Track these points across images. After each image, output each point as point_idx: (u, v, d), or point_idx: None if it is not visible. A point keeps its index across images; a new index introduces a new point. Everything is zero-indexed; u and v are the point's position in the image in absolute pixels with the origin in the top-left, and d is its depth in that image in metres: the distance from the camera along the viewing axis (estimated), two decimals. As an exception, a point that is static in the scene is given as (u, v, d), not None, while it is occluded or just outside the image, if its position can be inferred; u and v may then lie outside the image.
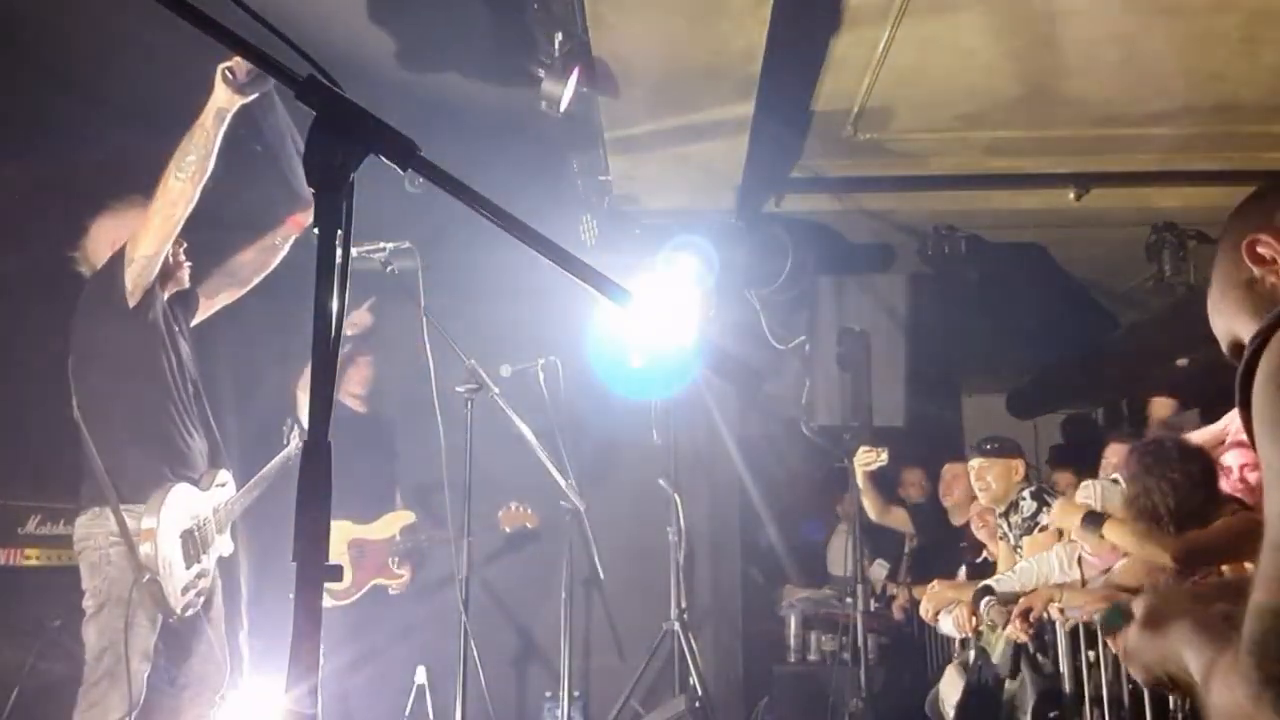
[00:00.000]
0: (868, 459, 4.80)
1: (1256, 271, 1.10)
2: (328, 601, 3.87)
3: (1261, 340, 0.97)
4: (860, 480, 4.82)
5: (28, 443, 3.82)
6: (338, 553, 4.31)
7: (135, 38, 3.50)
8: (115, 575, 2.89)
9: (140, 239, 2.95)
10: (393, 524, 4.60)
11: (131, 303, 3.00)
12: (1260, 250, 1.09)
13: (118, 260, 3.01)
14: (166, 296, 3.17)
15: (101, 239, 3.16)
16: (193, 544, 3.06)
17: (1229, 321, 1.15)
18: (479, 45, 3.64)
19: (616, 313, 1.22)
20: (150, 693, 2.95)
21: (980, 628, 3.96)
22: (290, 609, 1.01)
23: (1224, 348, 1.19)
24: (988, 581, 3.96)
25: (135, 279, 2.97)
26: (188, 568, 3.02)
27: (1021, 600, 3.60)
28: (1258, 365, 0.96)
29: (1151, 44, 3.51)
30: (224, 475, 3.30)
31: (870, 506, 5.10)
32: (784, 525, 6.41)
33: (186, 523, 3.04)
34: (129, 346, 3.05)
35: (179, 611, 2.97)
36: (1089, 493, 3.74)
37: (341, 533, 4.38)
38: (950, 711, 4.16)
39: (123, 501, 2.93)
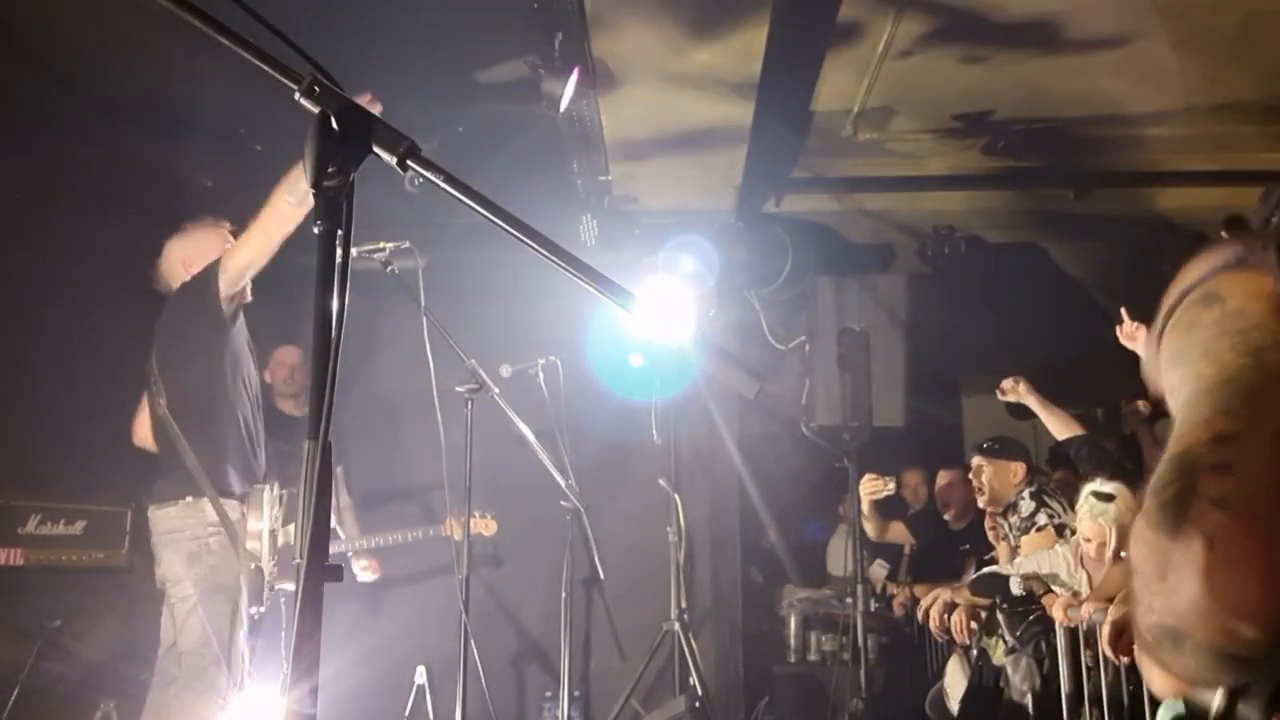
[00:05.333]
0: (874, 487, 4.71)
1: None
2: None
3: (1170, 310, 1.03)
4: (865, 507, 4.78)
5: (28, 443, 3.82)
6: None
7: (136, 38, 3.51)
8: (216, 564, 3.02)
9: (240, 249, 3.14)
10: None
11: (226, 310, 3.20)
12: None
13: (211, 271, 3.19)
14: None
15: (174, 257, 3.38)
16: (272, 545, 3.22)
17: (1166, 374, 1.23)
18: (479, 45, 3.64)
19: (617, 313, 1.22)
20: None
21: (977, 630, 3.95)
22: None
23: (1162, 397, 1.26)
24: (989, 568, 3.96)
25: (228, 286, 3.16)
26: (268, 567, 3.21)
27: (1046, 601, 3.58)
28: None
29: (1151, 44, 3.51)
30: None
31: (870, 529, 5.08)
32: (784, 525, 6.41)
33: (271, 524, 3.20)
34: (220, 351, 3.23)
35: (265, 607, 3.14)
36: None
37: None
38: (955, 706, 4.16)
39: (220, 495, 3.08)
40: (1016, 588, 3.73)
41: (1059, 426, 4.13)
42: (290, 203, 3.00)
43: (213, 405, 3.22)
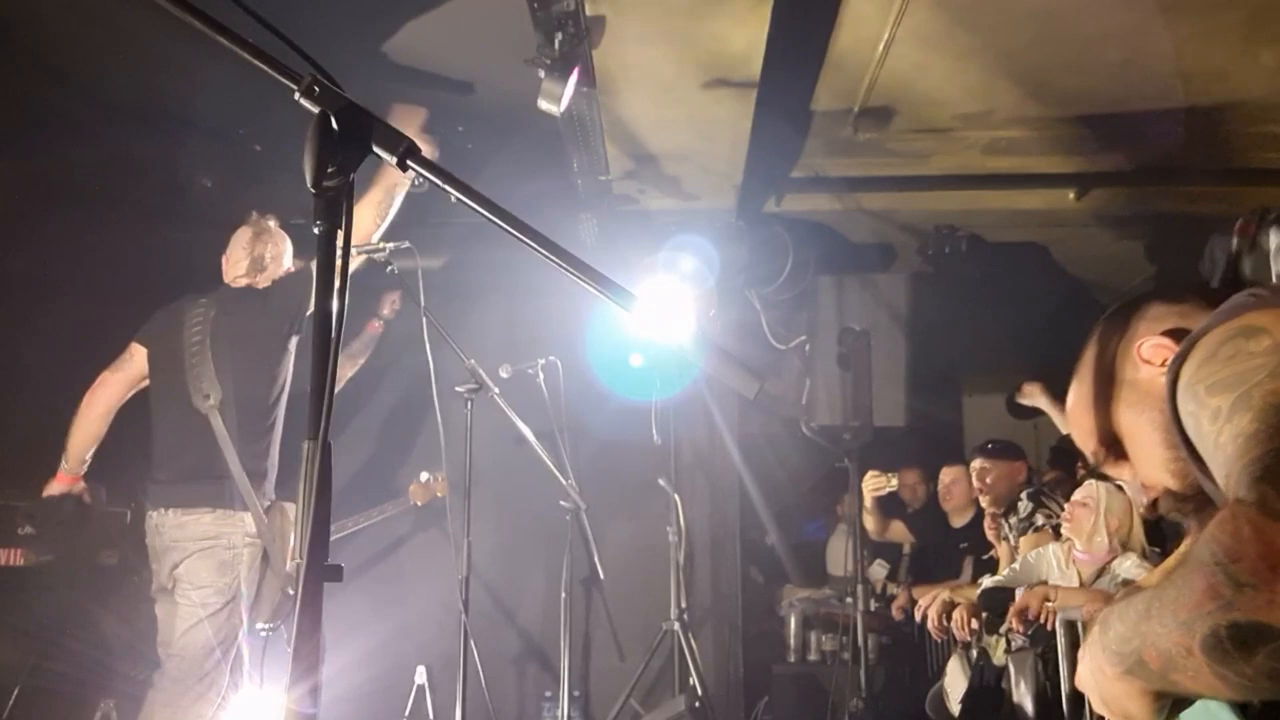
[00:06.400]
0: (877, 484, 4.78)
1: (1144, 372, 1.22)
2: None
3: (1182, 353, 1.08)
4: (867, 502, 4.82)
5: (28, 443, 3.81)
6: None
7: (135, 38, 3.51)
8: (243, 575, 3.11)
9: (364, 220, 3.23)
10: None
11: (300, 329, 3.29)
12: (1146, 352, 1.22)
13: (302, 286, 3.23)
14: None
15: (240, 251, 3.45)
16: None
17: (1105, 417, 1.28)
18: (479, 45, 3.64)
19: (617, 313, 1.22)
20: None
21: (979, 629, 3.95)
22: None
23: (1090, 445, 1.32)
24: (986, 583, 3.95)
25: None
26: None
27: (1019, 599, 3.60)
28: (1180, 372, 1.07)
29: (1152, 43, 3.51)
30: None
31: (871, 527, 5.14)
32: (784, 525, 6.41)
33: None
34: (287, 365, 3.32)
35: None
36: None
37: None
38: (956, 706, 4.16)
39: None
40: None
41: None
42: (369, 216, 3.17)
43: (274, 419, 3.29)
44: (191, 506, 3.11)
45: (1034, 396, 4.29)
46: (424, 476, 4.63)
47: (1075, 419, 1.35)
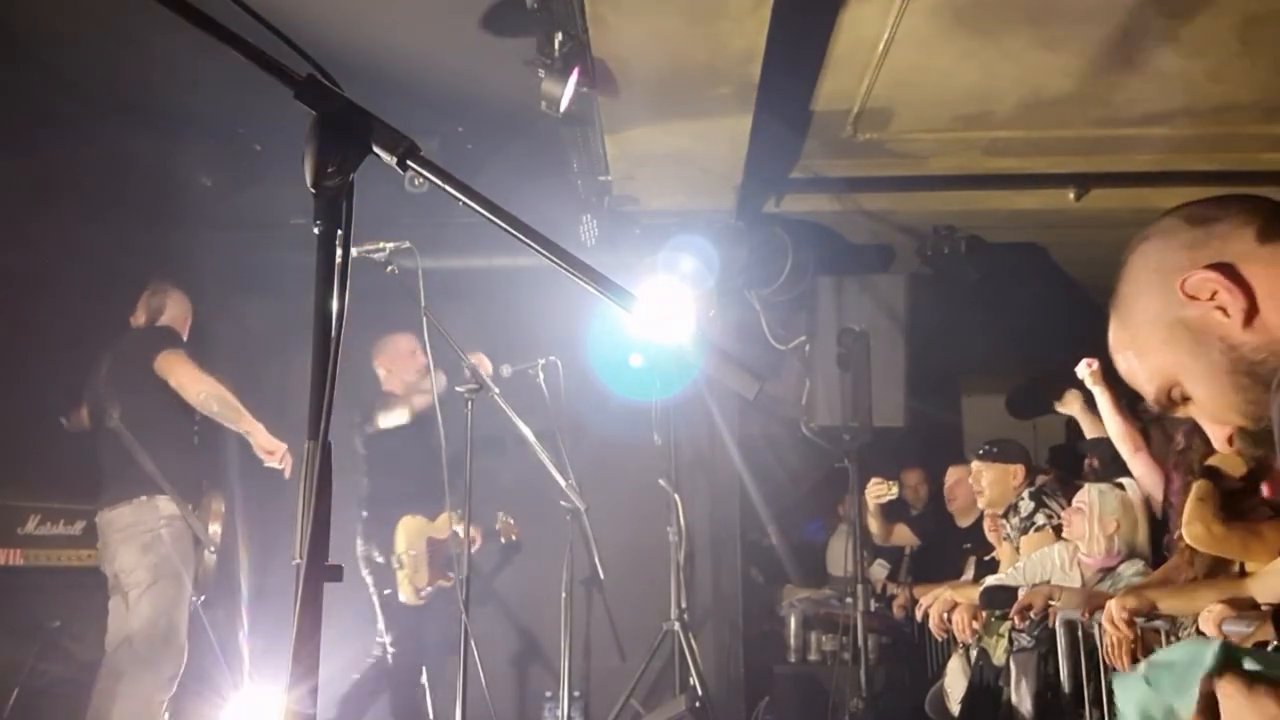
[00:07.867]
0: (879, 491, 4.85)
1: (1193, 309, 1.09)
2: (410, 600, 4.13)
3: None
4: (871, 509, 4.86)
5: (27, 443, 3.82)
6: (418, 549, 4.33)
7: (135, 37, 3.51)
8: (167, 553, 3.47)
9: (186, 387, 3.65)
10: (448, 523, 4.48)
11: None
12: (1191, 288, 1.08)
13: (169, 341, 3.78)
14: None
15: (141, 308, 3.92)
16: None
17: (1158, 360, 1.14)
18: (479, 46, 3.64)
19: (617, 313, 1.21)
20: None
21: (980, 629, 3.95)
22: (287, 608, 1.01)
23: (1150, 391, 1.18)
24: (988, 581, 3.96)
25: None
26: None
27: (1022, 597, 3.59)
28: None
29: (1150, 44, 3.51)
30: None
31: (876, 532, 5.20)
32: (784, 525, 6.41)
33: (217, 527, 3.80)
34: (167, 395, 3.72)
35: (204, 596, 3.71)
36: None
37: (420, 529, 4.37)
38: (956, 706, 4.15)
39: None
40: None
41: (1114, 428, 3.79)
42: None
43: (166, 421, 3.69)
44: (114, 503, 3.54)
45: (1072, 406, 4.16)
46: (500, 516, 4.76)
47: (1125, 364, 1.20)
